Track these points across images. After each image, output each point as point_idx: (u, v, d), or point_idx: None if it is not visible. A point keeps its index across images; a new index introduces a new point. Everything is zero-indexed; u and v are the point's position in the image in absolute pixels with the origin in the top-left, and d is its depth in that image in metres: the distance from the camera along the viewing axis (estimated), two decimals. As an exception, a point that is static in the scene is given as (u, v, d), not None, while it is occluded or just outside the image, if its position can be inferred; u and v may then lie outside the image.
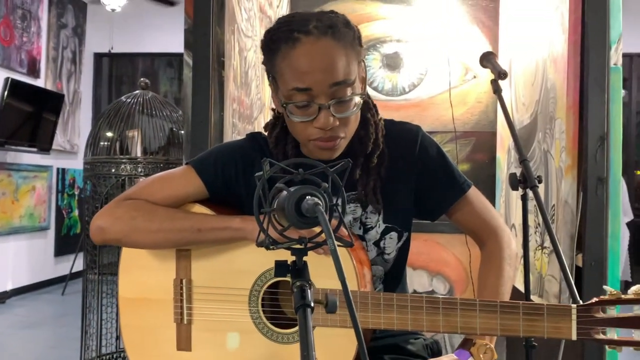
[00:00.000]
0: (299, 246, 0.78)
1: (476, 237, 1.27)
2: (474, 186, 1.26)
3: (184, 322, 1.19)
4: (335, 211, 0.77)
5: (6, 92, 5.26)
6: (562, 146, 1.65)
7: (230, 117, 2.01)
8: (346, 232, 0.79)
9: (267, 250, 0.79)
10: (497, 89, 1.44)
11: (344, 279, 0.69)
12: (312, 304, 0.74)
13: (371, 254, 1.23)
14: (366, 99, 1.19)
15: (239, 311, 1.15)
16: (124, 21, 6.84)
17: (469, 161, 2.58)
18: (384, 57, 2.62)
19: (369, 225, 1.22)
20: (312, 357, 0.69)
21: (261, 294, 1.15)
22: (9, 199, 5.56)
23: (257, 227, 0.78)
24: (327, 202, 0.76)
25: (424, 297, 1.05)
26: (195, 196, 1.22)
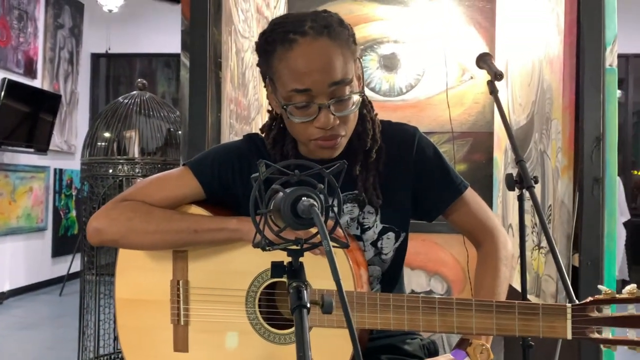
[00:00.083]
0: (295, 247, 0.79)
1: (472, 237, 1.28)
2: (470, 187, 1.27)
3: (180, 323, 1.19)
4: (331, 212, 0.77)
5: (3, 93, 5.26)
6: (559, 147, 1.65)
7: (227, 117, 2.01)
8: (342, 233, 0.80)
9: (263, 251, 0.80)
10: (493, 90, 1.44)
11: (339, 279, 0.70)
12: (308, 305, 0.74)
13: (368, 254, 1.23)
14: (363, 96, 1.19)
15: (235, 312, 1.15)
16: (121, 21, 6.84)
17: (466, 162, 2.58)
18: (381, 58, 2.62)
19: (367, 225, 1.22)
20: (308, 357, 0.69)
21: (258, 294, 1.15)
22: (6, 200, 5.55)
23: (254, 228, 0.79)
24: (323, 203, 0.76)
25: (420, 297, 1.05)
26: (192, 197, 1.22)
